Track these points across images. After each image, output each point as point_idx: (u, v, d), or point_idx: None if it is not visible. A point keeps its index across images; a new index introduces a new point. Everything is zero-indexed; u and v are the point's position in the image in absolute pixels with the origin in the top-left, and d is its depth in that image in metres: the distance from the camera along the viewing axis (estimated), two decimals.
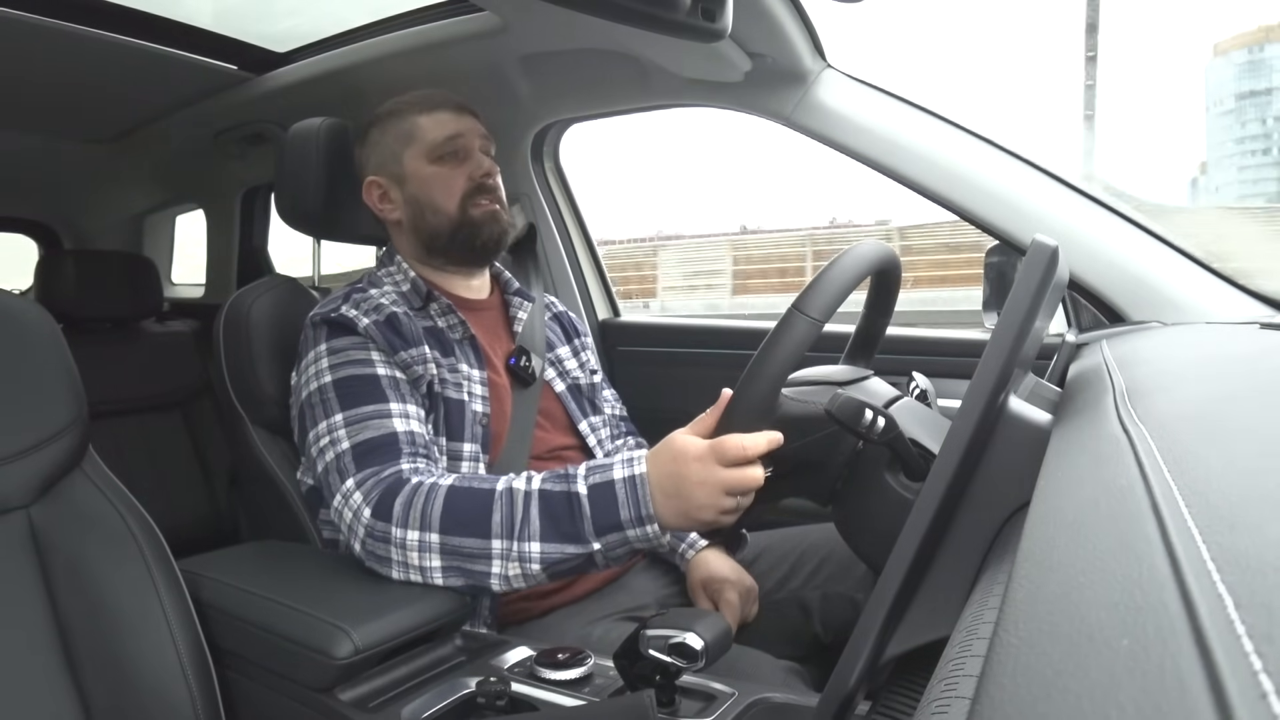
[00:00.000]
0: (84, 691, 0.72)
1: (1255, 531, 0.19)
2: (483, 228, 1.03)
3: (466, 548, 0.78)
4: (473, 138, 1.04)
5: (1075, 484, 0.31)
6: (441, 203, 1.02)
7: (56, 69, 1.53)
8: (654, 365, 1.50)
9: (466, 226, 1.02)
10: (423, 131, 1.03)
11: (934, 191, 1.11)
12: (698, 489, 0.72)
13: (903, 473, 0.71)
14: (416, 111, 1.04)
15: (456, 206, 1.02)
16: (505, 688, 0.68)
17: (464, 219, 1.02)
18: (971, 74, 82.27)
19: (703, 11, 0.77)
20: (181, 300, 2.29)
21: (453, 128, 1.03)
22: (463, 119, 1.04)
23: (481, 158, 1.04)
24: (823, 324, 0.69)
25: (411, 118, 1.04)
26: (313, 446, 0.90)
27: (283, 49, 1.61)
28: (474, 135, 1.04)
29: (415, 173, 1.03)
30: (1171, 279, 1.01)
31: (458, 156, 1.03)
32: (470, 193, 1.02)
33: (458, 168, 1.03)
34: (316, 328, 0.96)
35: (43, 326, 0.80)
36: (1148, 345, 0.74)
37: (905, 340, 1.25)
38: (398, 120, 1.04)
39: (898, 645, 0.49)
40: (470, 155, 1.03)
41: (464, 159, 1.03)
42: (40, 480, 0.76)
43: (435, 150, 1.02)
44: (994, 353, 0.46)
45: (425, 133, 1.03)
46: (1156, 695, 0.14)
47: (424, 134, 1.03)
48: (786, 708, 0.68)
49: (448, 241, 1.03)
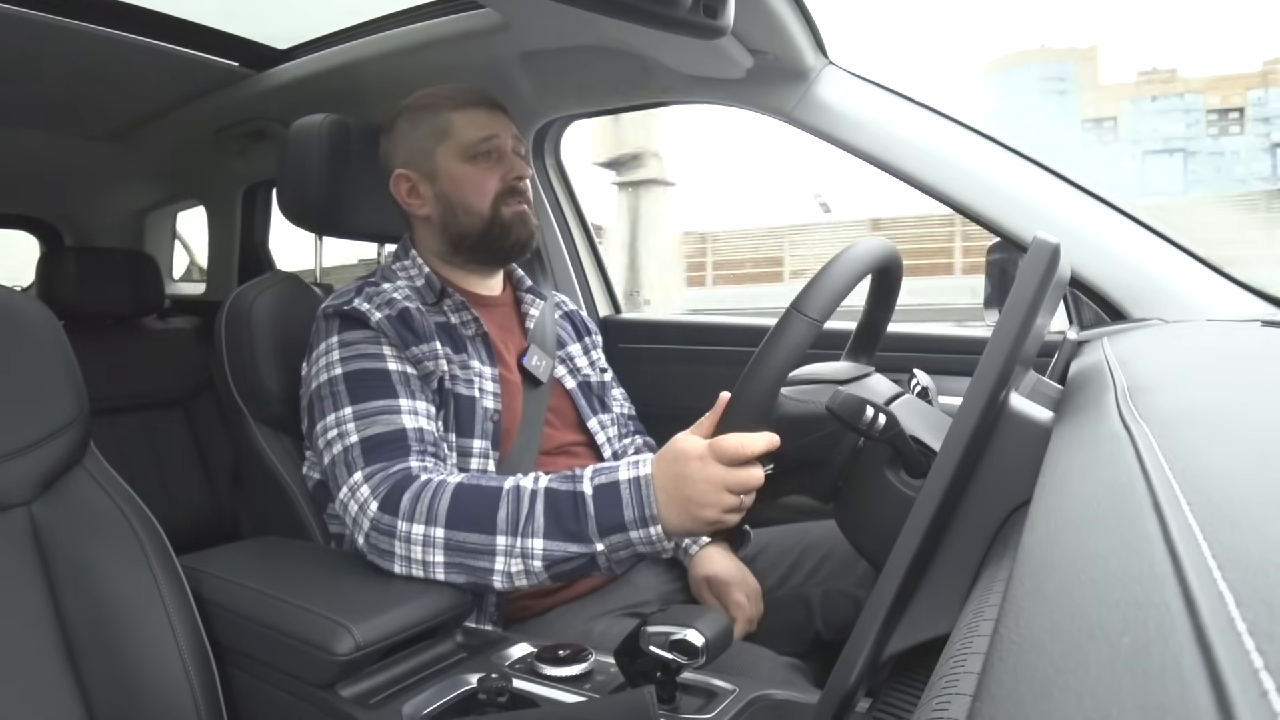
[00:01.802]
0: (85, 688, 0.72)
1: (1256, 529, 0.19)
2: (513, 229, 1.02)
3: (471, 544, 0.78)
4: (506, 138, 1.03)
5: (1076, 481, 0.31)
6: (474, 203, 1.01)
7: (58, 65, 1.53)
8: (655, 362, 1.50)
9: (497, 227, 1.02)
10: (457, 129, 1.01)
11: (936, 189, 1.10)
12: (698, 489, 0.72)
13: (904, 470, 0.71)
14: (450, 107, 1.02)
15: (489, 207, 1.01)
16: (506, 684, 0.68)
17: (495, 219, 1.01)
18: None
19: (704, 8, 0.77)
20: (183, 297, 2.29)
21: (488, 127, 1.02)
22: (496, 117, 1.03)
23: (514, 159, 1.03)
24: (821, 324, 0.69)
25: (445, 113, 1.02)
26: (320, 438, 0.90)
27: (284, 45, 1.61)
28: (508, 135, 1.03)
29: (448, 170, 1.02)
30: (1173, 276, 1.01)
31: (492, 157, 1.02)
32: (503, 194, 1.01)
33: (492, 168, 1.02)
34: (329, 320, 0.95)
35: (44, 323, 0.80)
36: (1149, 343, 0.73)
37: (907, 337, 1.25)
38: (430, 115, 1.03)
39: (899, 642, 0.50)
40: (504, 156, 1.03)
41: (498, 160, 1.02)
42: (42, 477, 0.76)
43: (470, 149, 1.01)
44: (995, 350, 0.46)
45: (460, 131, 1.01)
46: (1157, 692, 0.14)
47: (459, 132, 1.01)
48: (787, 704, 0.68)
49: (477, 241, 1.02)
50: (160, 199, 2.31)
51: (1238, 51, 43.20)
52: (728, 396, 0.74)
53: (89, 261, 1.91)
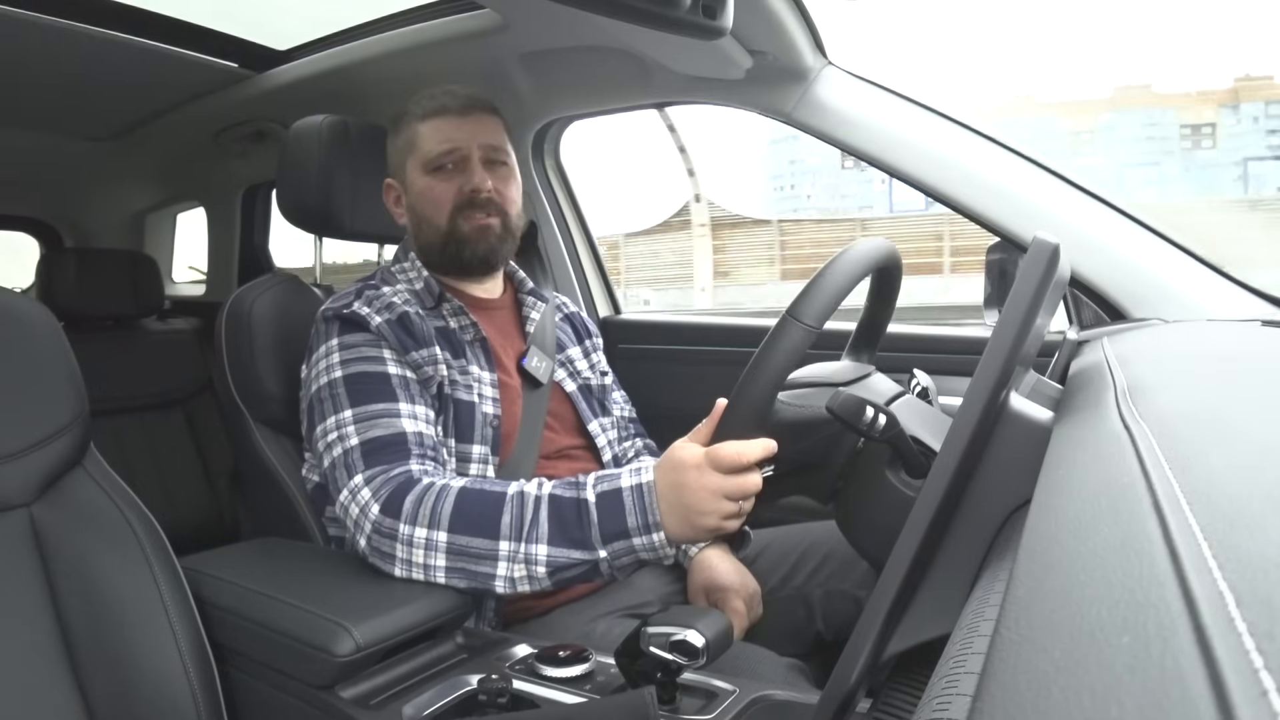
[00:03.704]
0: (86, 689, 0.72)
1: (1256, 529, 0.19)
2: (469, 244, 1.00)
3: (474, 548, 0.78)
4: (471, 148, 1.00)
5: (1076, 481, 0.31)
6: (432, 215, 1.01)
7: (57, 67, 1.53)
8: (655, 363, 1.50)
9: (454, 242, 1.00)
10: (421, 141, 1.01)
11: (935, 189, 1.10)
12: (696, 497, 0.72)
13: (904, 470, 0.71)
14: (418, 118, 1.01)
15: (446, 220, 1.00)
16: (507, 685, 0.68)
17: (452, 233, 1.00)
18: None
19: (704, 9, 0.77)
20: (183, 298, 2.29)
21: (449, 139, 0.99)
22: (465, 125, 1.00)
23: (478, 170, 1.00)
24: (818, 330, 0.69)
25: (414, 124, 1.01)
26: (320, 441, 0.90)
27: (283, 46, 1.61)
28: (474, 145, 1.00)
29: (413, 183, 1.02)
30: (1172, 276, 1.01)
31: (448, 169, 1.00)
32: (460, 206, 1.00)
33: (449, 180, 1.00)
34: (329, 322, 0.95)
35: (44, 325, 0.80)
36: (1149, 342, 0.74)
37: (907, 338, 1.25)
38: (405, 125, 1.03)
39: (899, 642, 0.50)
40: (465, 167, 1.00)
41: (457, 171, 1.00)
42: (42, 478, 0.76)
43: (430, 162, 1.00)
44: (995, 350, 0.46)
45: (423, 142, 1.01)
46: (1157, 692, 0.14)
47: (421, 143, 1.01)
48: (788, 705, 0.68)
49: (438, 254, 1.02)
50: (160, 200, 2.31)
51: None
52: (724, 404, 0.74)
53: (89, 263, 1.91)
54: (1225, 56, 38.51)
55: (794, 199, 39.49)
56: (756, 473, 0.72)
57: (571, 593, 0.98)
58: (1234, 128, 37.14)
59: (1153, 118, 37.40)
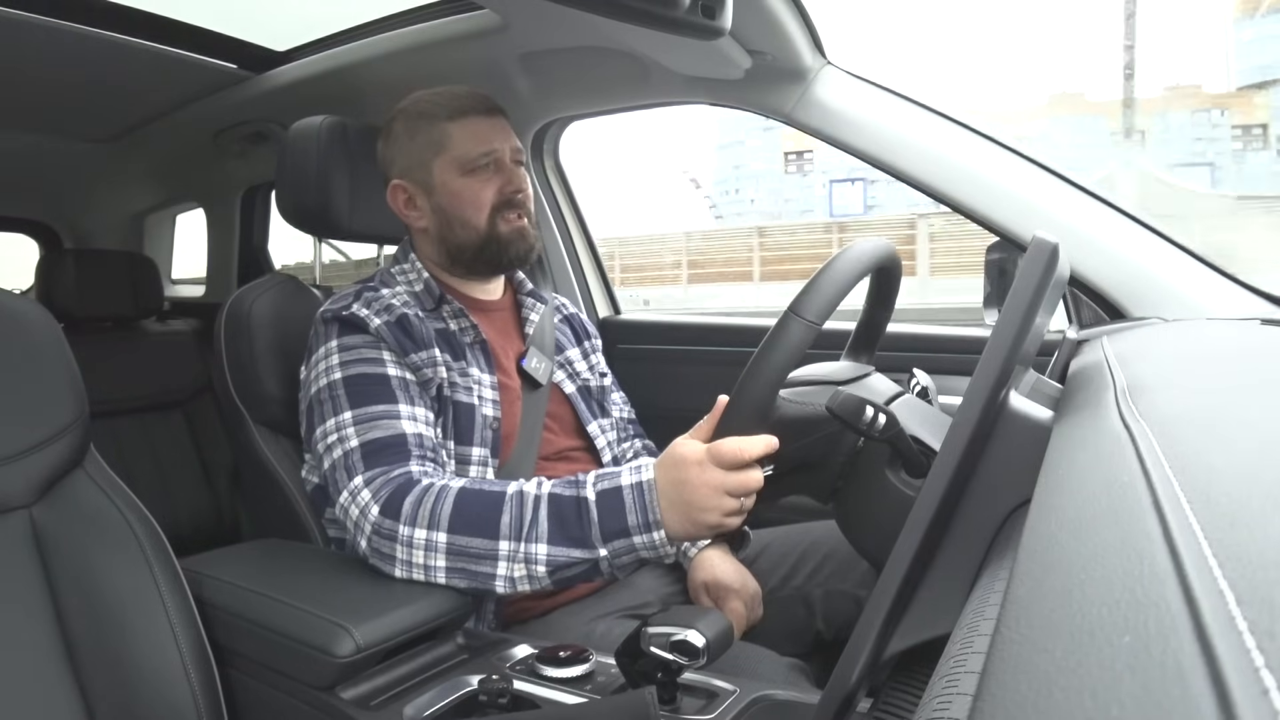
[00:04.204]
0: (86, 691, 0.72)
1: (1257, 527, 0.19)
2: (510, 244, 1.00)
3: (473, 548, 0.78)
4: (505, 149, 1.01)
5: (1076, 480, 0.31)
6: (470, 217, 1.00)
7: (56, 68, 1.53)
8: (654, 363, 1.50)
9: (494, 242, 1.00)
10: (454, 141, 0.99)
11: (934, 188, 1.11)
12: (698, 494, 0.72)
13: (904, 470, 0.71)
14: (447, 117, 1.00)
15: (485, 221, 0.99)
16: (507, 685, 0.68)
17: (492, 234, 1.00)
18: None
19: (703, 9, 0.77)
20: (182, 299, 2.29)
21: (486, 140, 0.99)
22: (495, 126, 1.01)
23: (513, 170, 1.01)
24: (819, 327, 0.69)
25: (442, 124, 1.00)
26: (319, 442, 0.90)
27: (282, 47, 1.61)
28: (506, 146, 1.01)
29: (445, 184, 1.00)
30: (1172, 275, 1.01)
31: (489, 169, 1.00)
32: (499, 207, 1.00)
33: (489, 181, 1.00)
34: (328, 324, 0.95)
35: (43, 326, 0.80)
36: (1149, 341, 0.74)
37: (906, 337, 1.25)
38: (427, 125, 1.00)
39: (899, 642, 0.50)
40: (502, 168, 1.00)
41: (496, 171, 1.00)
42: (42, 480, 0.76)
43: (469, 163, 0.99)
44: (995, 349, 0.46)
45: (457, 143, 0.99)
46: (1158, 691, 0.14)
47: (455, 144, 0.99)
48: (788, 705, 0.68)
49: (474, 255, 1.01)
50: (159, 201, 2.31)
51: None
52: (726, 400, 0.74)
53: (88, 264, 1.91)
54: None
55: (739, 203, 39.72)
56: (758, 469, 0.72)
57: (572, 593, 0.98)
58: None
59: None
